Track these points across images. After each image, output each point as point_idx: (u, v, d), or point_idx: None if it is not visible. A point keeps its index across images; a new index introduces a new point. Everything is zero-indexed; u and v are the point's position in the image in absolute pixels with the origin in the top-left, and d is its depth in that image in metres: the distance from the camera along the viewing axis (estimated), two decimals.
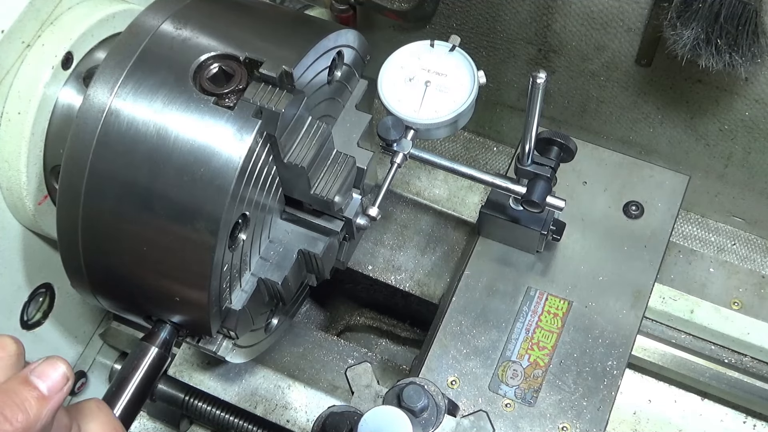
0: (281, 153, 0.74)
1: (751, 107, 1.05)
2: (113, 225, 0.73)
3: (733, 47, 0.91)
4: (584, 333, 0.97)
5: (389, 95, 0.85)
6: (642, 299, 0.98)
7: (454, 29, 1.16)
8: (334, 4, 1.13)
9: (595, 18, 1.05)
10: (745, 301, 1.11)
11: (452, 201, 1.21)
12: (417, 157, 0.88)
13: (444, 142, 1.31)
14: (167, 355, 0.79)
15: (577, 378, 0.94)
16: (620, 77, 1.11)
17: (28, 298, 0.93)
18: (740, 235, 1.21)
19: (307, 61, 0.74)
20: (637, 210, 1.04)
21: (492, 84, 1.21)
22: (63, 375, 0.59)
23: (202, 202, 0.69)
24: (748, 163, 1.13)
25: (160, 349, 0.78)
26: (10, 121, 0.84)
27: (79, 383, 1.07)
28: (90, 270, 0.77)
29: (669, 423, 1.11)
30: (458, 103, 0.84)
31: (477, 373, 0.95)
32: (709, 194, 1.20)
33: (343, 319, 1.26)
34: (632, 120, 1.17)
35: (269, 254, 0.82)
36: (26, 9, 0.83)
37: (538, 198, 0.88)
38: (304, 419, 0.99)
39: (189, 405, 1.11)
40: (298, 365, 1.04)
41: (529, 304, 0.99)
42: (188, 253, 0.71)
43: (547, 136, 0.90)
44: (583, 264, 1.01)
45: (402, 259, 1.12)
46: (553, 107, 1.20)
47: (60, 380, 0.58)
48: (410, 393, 0.75)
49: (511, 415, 0.92)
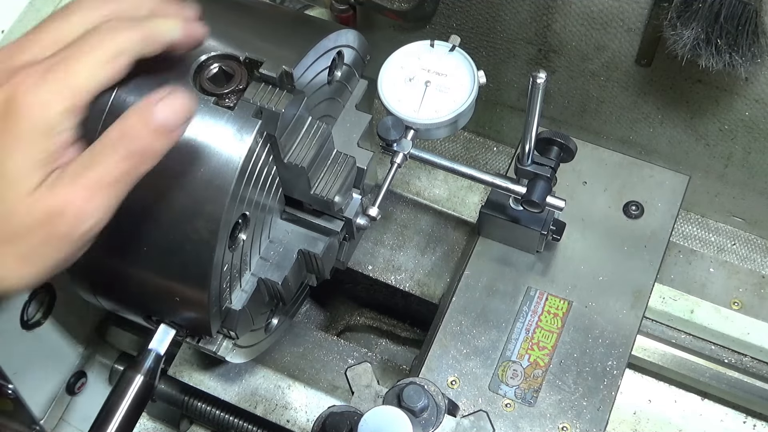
0: (281, 153, 0.74)
1: (751, 107, 1.05)
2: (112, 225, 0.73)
3: (733, 47, 0.91)
4: (584, 333, 0.97)
5: (389, 95, 0.85)
6: (642, 299, 0.98)
7: (454, 29, 1.16)
8: (334, 4, 1.13)
9: (595, 18, 1.05)
10: (745, 301, 1.11)
11: (452, 201, 1.21)
12: (417, 157, 0.88)
13: (444, 142, 1.31)
14: (153, 383, 0.78)
15: (577, 378, 0.94)
16: (620, 77, 1.11)
17: (28, 298, 0.93)
18: (740, 235, 1.21)
19: (307, 61, 0.74)
20: (637, 210, 1.04)
21: (492, 84, 1.21)
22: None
23: (202, 201, 0.69)
24: (748, 163, 1.13)
25: (146, 377, 0.77)
26: None
27: (79, 383, 1.07)
28: (90, 270, 0.77)
29: (669, 423, 1.11)
30: (458, 103, 0.84)
31: (477, 373, 0.95)
32: (709, 194, 1.20)
33: (343, 319, 1.26)
34: (632, 120, 1.17)
35: (269, 254, 0.82)
36: (26, 9, 0.83)
37: (538, 198, 0.88)
38: (304, 419, 0.99)
39: (189, 405, 1.11)
40: (298, 365, 1.04)
41: (529, 304, 0.99)
42: (188, 253, 0.71)
43: (547, 136, 0.90)
44: (583, 264, 1.01)
45: (402, 259, 1.12)
46: (553, 107, 1.20)
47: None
48: (410, 393, 0.75)
49: (511, 415, 0.92)
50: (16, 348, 0.94)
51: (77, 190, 0.54)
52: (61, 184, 0.54)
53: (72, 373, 1.06)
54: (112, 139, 0.55)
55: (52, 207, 0.53)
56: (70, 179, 0.54)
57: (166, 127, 0.57)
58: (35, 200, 0.53)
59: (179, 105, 0.57)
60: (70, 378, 1.06)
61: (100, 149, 0.55)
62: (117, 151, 0.55)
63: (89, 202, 0.54)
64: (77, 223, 0.54)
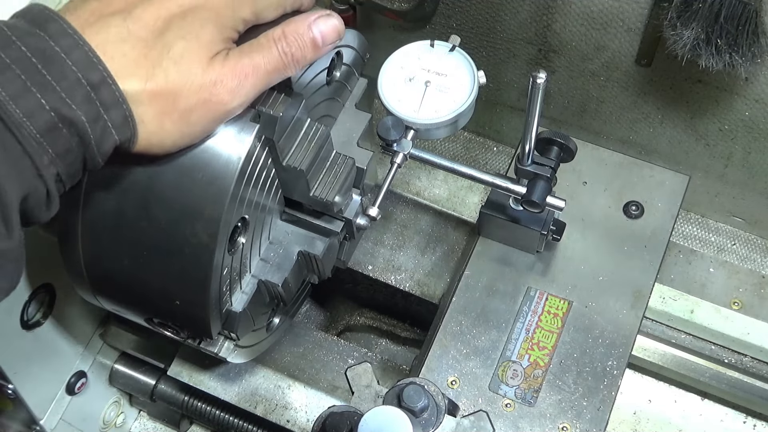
0: (280, 156, 0.74)
1: (751, 107, 1.05)
2: (113, 228, 0.73)
3: (733, 47, 0.91)
4: (584, 333, 0.97)
5: (389, 95, 0.85)
6: (642, 299, 0.98)
7: (454, 29, 1.16)
8: (334, 4, 1.14)
9: (595, 18, 1.05)
10: (745, 301, 1.11)
11: (452, 201, 1.21)
12: (417, 157, 0.88)
13: (444, 142, 1.31)
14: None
15: (577, 378, 0.94)
16: (620, 77, 1.11)
17: (28, 298, 0.93)
18: (740, 235, 1.21)
19: None
20: (637, 210, 1.04)
21: (492, 84, 1.21)
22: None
23: (201, 204, 0.69)
24: (748, 163, 1.13)
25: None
26: None
27: (80, 383, 1.07)
28: (90, 272, 0.77)
29: (669, 423, 1.11)
30: (458, 103, 0.84)
31: (477, 373, 0.95)
32: (709, 194, 1.20)
33: (343, 319, 1.26)
34: (632, 120, 1.17)
35: (269, 255, 0.82)
36: None
37: (538, 198, 0.88)
38: (304, 419, 0.99)
39: (189, 405, 1.11)
40: (298, 365, 1.04)
41: (529, 304, 0.99)
42: (188, 256, 0.71)
43: (547, 136, 0.90)
44: (583, 264, 1.01)
45: (402, 259, 1.12)
46: (553, 107, 1.20)
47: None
48: (410, 393, 0.75)
49: (511, 415, 0.92)
50: (16, 348, 0.94)
51: (240, 67, 0.63)
52: (229, 61, 0.63)
53: (72, 373, 1.06)
54: (274, 36, 0.65)
55: (217, 78, 0.62)
56: (236, 58, 0.63)
57: (320, 41, 0.67)
58: (206, 72, 0.62)
59: (332, 26, 0.68)
60: (70, 378, 1.06)
61: (263, 41, 0.65)
62: (276, 47, 0.65)
63: (245, 80, 0.64)
64: (231, 97, 0.64)
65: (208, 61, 0.62)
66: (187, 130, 0.64)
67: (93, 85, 0.57)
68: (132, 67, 0.59)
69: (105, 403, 1.17)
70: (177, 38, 0.61)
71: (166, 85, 0.60)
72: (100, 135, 0.58)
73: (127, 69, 0.59)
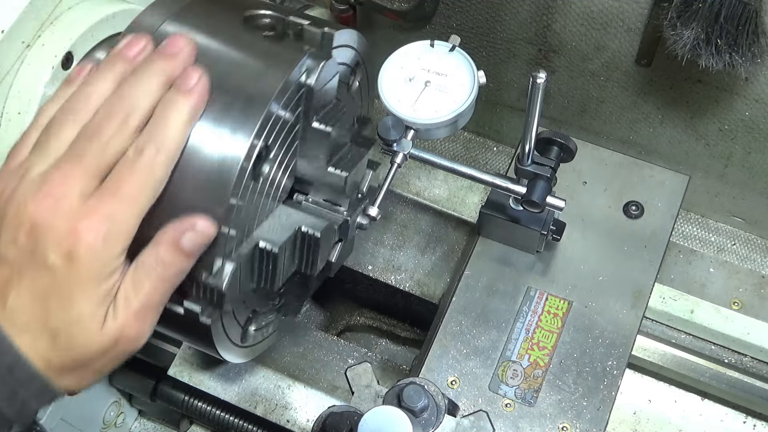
0: (311, 111, 0.73)
1: (751, 107, 1.05)
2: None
3: (733, 47, 0.91)
4: (584, 333, 0.97)
5: (389, 95, 0.85)
6: (642, 299, 0.98)
7: (454, 29, 1.16)
8: (334, 4, 1.14)
9: (595, 18, 1.05)
10: (745, 301, 1.11)
11: (452, 201, 1.21)
12: (417, 157, 0.88)
13: (444, 142, 1.31)
14: None
15: (577, 378, 0.94)
16: (620, 77, 1.11)
17: None
18: (740, 235, 1.21)
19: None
20: (637, 210, 1.04)
21: (492, 84, 1.21)
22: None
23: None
24: (748, 163, 1.13)
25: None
26: (10, 121, 0.84)
27: None
28: None
29: (669, 423, 1.11)
30: (458, 103, 0.84)
31: (477, 373, 0.95)
32: (709, 194, 1.20)
33: (343, 319, 1.26)
34: (632, 120, 1.17)
35: (269, 226, 0.81)
36: (26, 9, 0.83)
37: (538, 198, 0.88)
38: (304, 419, 0.99)
39: (189, 405, 1.11)
40: (298, 365, 1.04)
41: (529, 304, 0.99)
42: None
43: (547, 136, 0.90)
44: (583, 264, 1.01)
45: (402, 259, 1.12)
46: (553, 107, 1.20)
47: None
48: (410, 393, 0.75)
49: (511, 415, 0.92)
50: None
51: (131, 315, 0.63)
52: (118, 314, 0.62)
53: None
54: (148, 266, 0.63)
55: (117, 333, 0.62)
56: (123, 308, 0.63)
57: (194, 251, 0.65)
58: (104, 333, 0.62)
59: (202, 234, 0.65)
60: None
61: (141, 276, 0.63)
62: (155, 277, 0.63)
63: (143, 323, 0.64)
64: (136, 342, 0.65)
65: (102, 326, 0.62)
66: (94, 380, 0.65)
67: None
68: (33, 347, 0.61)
69: (105, 403, 1.17)
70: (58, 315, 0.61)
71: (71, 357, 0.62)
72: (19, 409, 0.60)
73: (31, 350, 0.60)
